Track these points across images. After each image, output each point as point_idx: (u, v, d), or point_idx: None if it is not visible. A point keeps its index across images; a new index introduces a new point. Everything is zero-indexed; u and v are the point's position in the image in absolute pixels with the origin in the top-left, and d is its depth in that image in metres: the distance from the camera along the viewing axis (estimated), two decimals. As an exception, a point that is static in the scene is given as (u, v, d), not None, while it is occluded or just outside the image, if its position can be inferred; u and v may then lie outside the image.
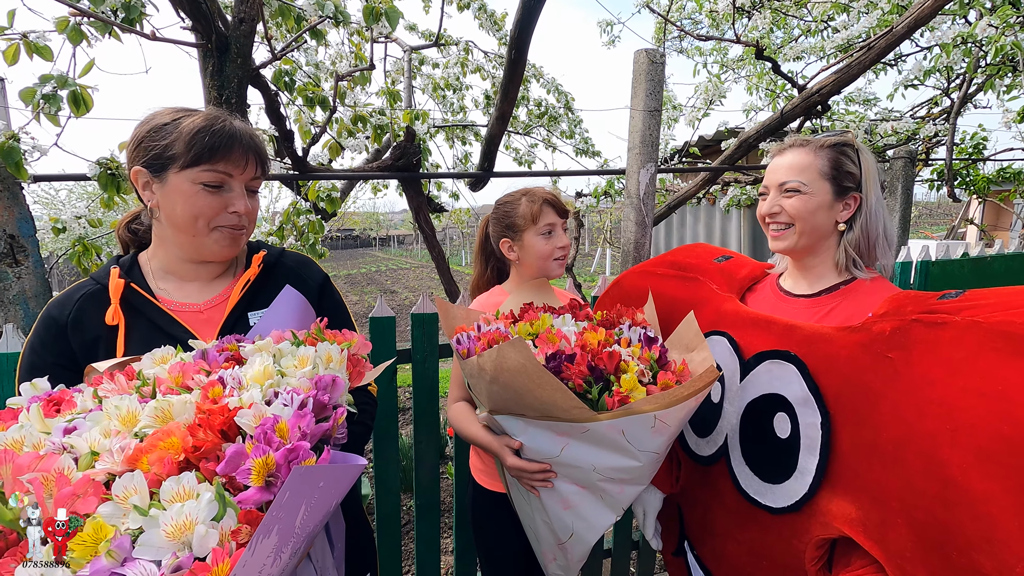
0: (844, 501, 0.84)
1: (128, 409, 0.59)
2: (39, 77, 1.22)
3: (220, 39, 1.32)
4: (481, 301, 1.39)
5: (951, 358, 0.74)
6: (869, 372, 0.83)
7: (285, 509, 0.51)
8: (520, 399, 1.00)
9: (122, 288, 0.89)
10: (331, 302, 1.07)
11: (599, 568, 2.17)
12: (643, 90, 1.83)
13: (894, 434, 0.78)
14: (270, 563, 0.51)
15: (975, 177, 3.35)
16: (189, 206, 0.86)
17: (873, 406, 0.82)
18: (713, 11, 3.11)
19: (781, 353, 0.96)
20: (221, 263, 0.98)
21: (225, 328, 0.92)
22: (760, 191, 1.13)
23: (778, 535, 0.95)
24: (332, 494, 0.60)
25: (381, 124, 2.42)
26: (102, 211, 2.46)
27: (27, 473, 0.52)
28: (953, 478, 0.69)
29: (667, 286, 1.30)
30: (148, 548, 0.48)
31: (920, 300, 0.83)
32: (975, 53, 2.41)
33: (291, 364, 0.69)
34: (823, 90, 2.00)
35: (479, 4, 4.18)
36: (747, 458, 1.02)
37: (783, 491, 0.93)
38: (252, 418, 0.59)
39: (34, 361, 0.87)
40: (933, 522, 0.71)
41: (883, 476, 0.78)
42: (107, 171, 1.41)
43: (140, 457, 0.54)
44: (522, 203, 1.30)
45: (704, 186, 2.51)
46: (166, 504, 0.50)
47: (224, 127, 0.87)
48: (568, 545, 1.19)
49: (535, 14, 1.47)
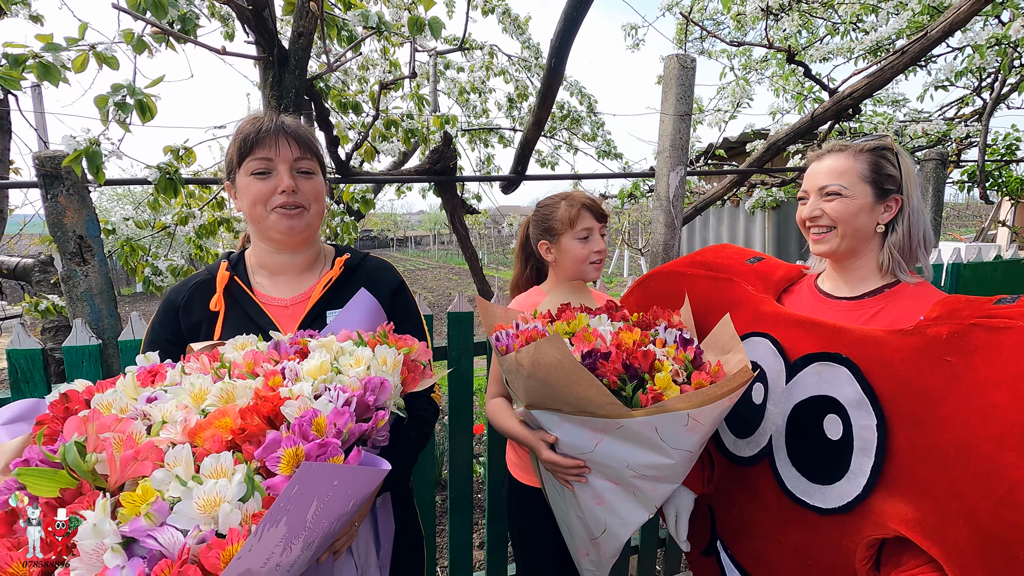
0: (900, 502, 0.85)
1: (200, 387, 0.65)
2: (111, 86, 1.31)
3: (281, 52, 1.40)
4: (519, 301, 1.43)
5: (1017, 361, 0.75)
6: (926, 375, 0.84)
7: (293, 502, 0.52)
8: (556, 394, 1.04)
9: (227, 280, 1.00)
10: (404, 307, 1.12)
11: (626, 565, 2.20)
12: (673, 94, 1.86)
13: (955, 437, 0.79)
14: (279, 552, 0.52)
15: (1008, 178, 3.28)
16: (248, 196, 0.96)
17: (931, 409, 0.83)
18: (740, 14, 3.11)
19: (831, 355, 0.97)
20: (304, 256, 1.06)
21: (304, 323, 0.99)
22: (799, 196, 1.14)
23: (826, 535, 0.96)
24: (350, 495, 0.61)
25: (412, 128, 2.49)
26: (148, 213, 2.59)
27: (105, 433, 0.58)
28: (1019, 481, 0.71)
29: (699, 287, 1.31)
30: (181, 517, 0.51)
31: (976, 304, 0.85)
32: (1009, 54, 2.37)
33: (348, 363, 0.74)
34: (855, 94, 2.00)
35: (503, 8, 4.24)
36: (793, 459, 1.03)
37: (834, 492, 0.94)
38: (295, 409, 0.63)
39: (153, 337, 1.00)
40: (997, 522, 0.73)
41: (943, 478, 0.80)
42: (167, 176, 1.50)
43: (198, 432, 0.59)
44: (561, 207, 1.34)
45: (732, 188, 2.52)
46: (204, 479, 0.54)
47: (258, 122, 0.97)
48: (601, 540, 1.22)
49: (577, 24, 1.52)
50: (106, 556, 0.48)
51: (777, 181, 2.81)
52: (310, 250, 1.07)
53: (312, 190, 1.00)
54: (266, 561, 0.52)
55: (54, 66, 1.37)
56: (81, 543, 0.48)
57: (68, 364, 1.36)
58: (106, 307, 1.45)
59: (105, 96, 1.32)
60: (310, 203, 1.00)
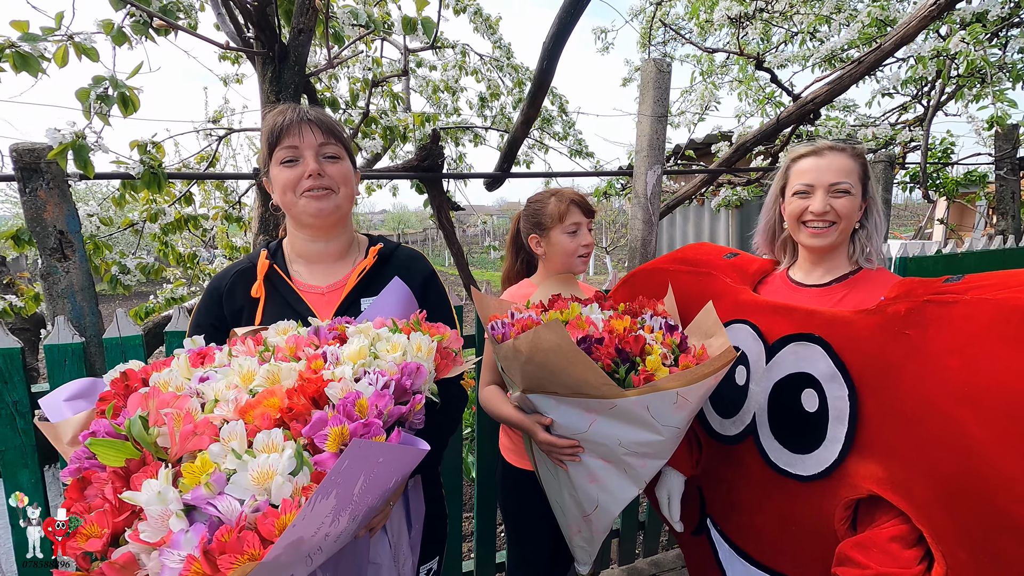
0: (872, 463, 0.95)
1: (248, 369, 0.69)
2: (92, 78, 1.28)
3: (281, 48, 1.40)
4: (511, 292, 1.49)
5: (966, 331, 0.85)
6: (889, 348, 0.94)
7: (343, 476, 0.56)
8: (553, 377, 1.10)
9: (266, 268, 1.04)
10: (436, 296, 1.16)
11: (608, 548, 2.28)
12: (651, 97, 1.95)
13: (916, 400, 0.89)
14: (328, 523, 0.57)
15: (944, 180, 3.57)
16: (279, 184, 1.00)
17: (895, 377, 0.93)
18: (707, 21, 3.26)
19: (806, 336, 1.06)
20: (338, 244, 1.09)
21: (340, 310, 1.03)
22: (799, 190, 1.16)
23: (807, 501, 1.05)
24: (392, 472, 0.66)
25: (391, 125, 2.50)
26: (113, 209, 2.50)
27: (165, 408, 0.61)
28: (973, 433, 0.80)
29: (680, 281, 1.40)
30: (237, 487, 0.55)
31: (928, 283, 0.95)
32: (947, 65, 2.60)
33: (384, 348, 0.77)
34: (817, 99, 2.16)
35: (475, 8, 4.27)
36: (776, 432, 1.12)
37: (813, 459, 1.03)
38: (339, 391, 0.67)
39: (199, 321, 1.04)
40: (956, 472, 0.82)
41: (908, 438, 0.89)
42: (150, 170, 1.47)
43: (248, 410, 0.63)
44: (551, 203, 1.40)
45: (701, 187, 2.66)
46: (257, 453, 0.57)
47: (282, 113, 1.01)
48: (593, 517, 1.28)
49: (570, 28, 1.58)
50: (171, 521, 0.51)
51: (743, 181, 2.98)
52: (343, 237, 1.10)
53: (339, 173, 1.03)
54: (317, 530, 0.55)
55: (32, 56, 1.33)
56: (148, 508, 0.51)
57: (50, 363, 1.32)
58: (87, 304, 1.41)
59: (87, 88, 1.29)
60: (338, 186, 1.03)
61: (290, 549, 0.53)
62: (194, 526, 0.52)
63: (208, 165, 3.22)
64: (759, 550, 1.18)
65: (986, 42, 2.33)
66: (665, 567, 2.32)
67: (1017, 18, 2.81)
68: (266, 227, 1.59)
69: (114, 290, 2.47)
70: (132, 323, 1.34)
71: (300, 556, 0.55)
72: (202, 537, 0.50)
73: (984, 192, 4.14)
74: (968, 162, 3.53)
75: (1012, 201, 3.14)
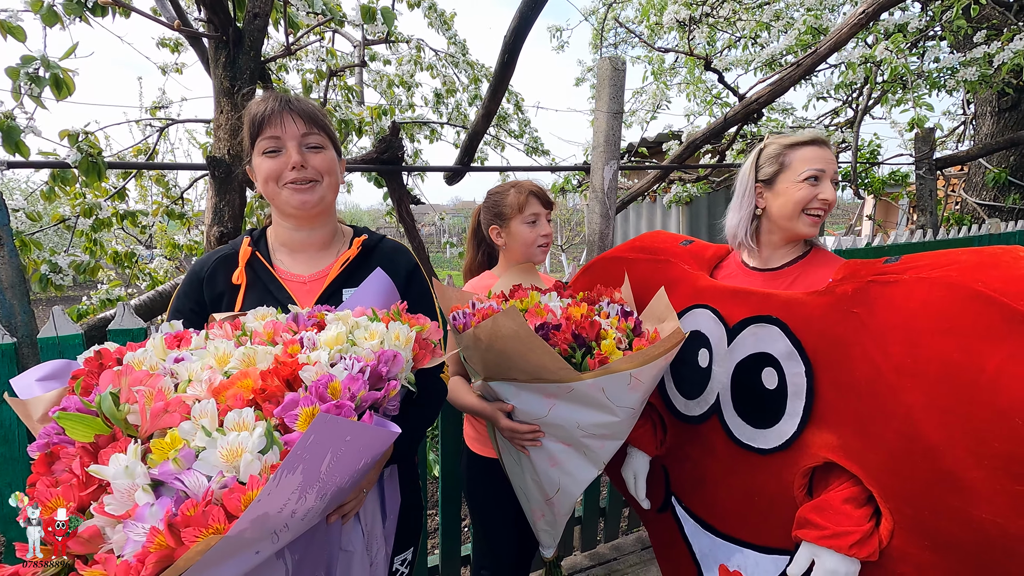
0: (827, 433, 1.02)
1: (224, 351, 0.69)
2: (21, 58, 1.19)
3: (236, 32, 1.34)
4: (473, 284, 1.50)
5: (906, 307, 0.92)
6: (840, 326, 1.01)
7: (309, 451, 0.56)
8: (513, 363, 1.13)
9: (248, 255, 1.03)
10: (418, 288, 1.16)
11: (570, 535, 2.34)
12: (607, 94, 2.01)
13: (865, 373, 0.96)
14: (294, 499, 0.57)
15: (872, 179, 3.86)
16: (262, 174, 1.00)
17: (846, 353, 0.99)
18: (657, 23, 3.39)
19: (764, 317, 1.12)
20: (321, 233, 1.09)
21: (322, 299, 1.03)
22: (810, 175, 1.15)
23: (768, 472, 1.12)
24: (361, 451, 0.66)
25: (345, 119, 2.45)
26: (43, 204, 2.33)
27: (137, 386, 0.61)
28: (915, 401, 0.87)
29: (640, 269, 1.45)
30: (205, 464, 0.55)
31: (870, 265, 1.03)
32: (874, 71, 2.82)
33: (362, 336, 0.78)
34: (760, 99, 2.29)
35: (429, 3, 4.24)
36: (739, 410, 1.17)
37: (774, 433, 1.10)
38: (313, 374, 0.67)
39: (178, 306, 1.03)
40: (902, 437, 0.90)
41: (859, 408, 0.97)
42: (88, 157, 1.38)
43: (222, 391, 0.63)
44: (510, 194, 1.43)
45: (654, 183, 2.76)
46: (228, 431, 0.58)
47: (265, 102, 1.00)
48: (555, 500, 1.32)
49: (531, 22, 1.61)
50: (137, 494, 0.51)
51: (692, 177, 3.11)
52: (327, 227, 1.09)
53: (323, 163, 1.02)
54: (283, 507, 0.55)
55: (-52, 33, 1.23)
56: (115, 482, 0.51)
57: (-24, 364, 1.23)
58: (19, 302, 1.32)
59: (16, 68, 1.20)
60: (322, 176, 1.02)
61: (255, 525, 0.53)
62: (160, 500, 0.52)
63: (148, 158, 3.04)
64: (724, 522, 1.24)
65: (907, 51, 2.54)
66: (625, 551, 2.40)
67: (932, 31, 3.09)
68: (220, 218, 1.53)
69: (44, 290, 2.30)
70: (70, 321, 1.27)
71: (265, 532, 0.56)
72: (167, 510, 0.50)
73: (906, 191, 4.49)
74: (892, 163, 3.82)
75: (930, 198, 3.43)
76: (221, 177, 1.44)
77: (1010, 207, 3.84)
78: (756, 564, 1.18)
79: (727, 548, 1.23)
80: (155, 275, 3.34)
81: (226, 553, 0.52)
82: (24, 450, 1.28)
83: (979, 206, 4.00)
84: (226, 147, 1.44)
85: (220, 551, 0.51)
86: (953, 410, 0.84)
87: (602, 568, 2.30)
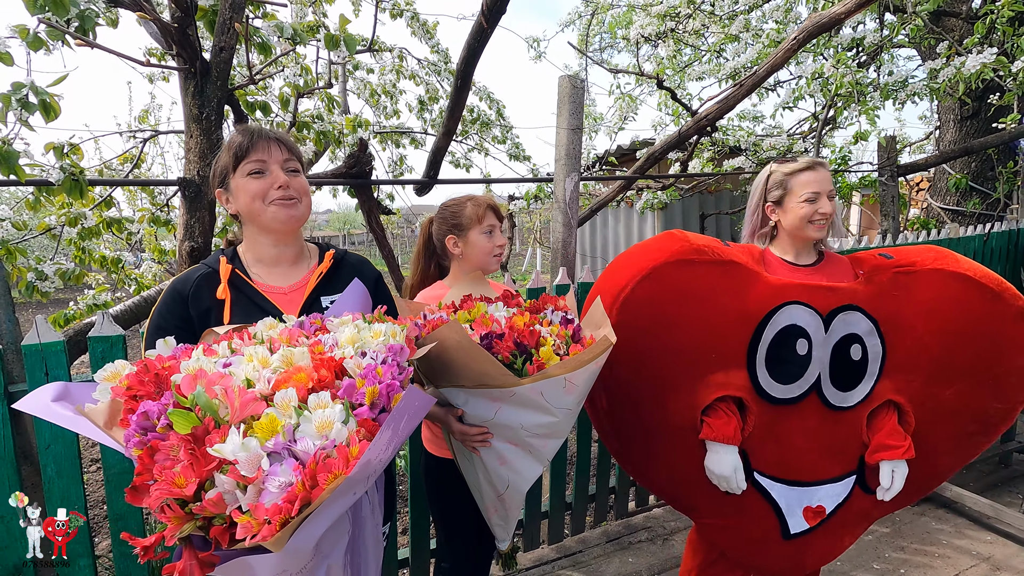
0: (889, 381, 1.45)
1: (262, 355, 0.83)
2: (12, 85, 1.29)
3: (203, 64, 1.45)
4: (425, 295, 1.60)
5: (929, 289, 1.42)
6: (891, 304, 1.43)
7: (398, 413, 0.76)
8: (459, 371, 1.23)
9: (229, 272, 1.12)
10: (384, 295, 1.30)
11: (538, 530, 2.45)
12: (567, 110, 2.12)
13: (911, 335, 1.43)
14: (383, 449, 0.75)
15: (841, 185, 4.00)
16: (247, 193, 1.10)
17: (898, 323, 1.43)
18: (626, 37, 3.49)
19: (847, 306, 1.44)
20: (293, 248, 1.20)
21: (304, 308, 1.15)
22: (809, 197, 1.46)
23: (848, 422, 1.46)
24: (418, 414, 0.87)
25: (324, 130, 2.55)
26: (28, 214, 2.41)
27: (215, 385, 0.74)
28: (937, 344, 1.41)
29: (705, 271, 1.44)
30: (305, 435, 0.71)
31: (873, 259, 1.49)
32: (829, 85, 2.95)
33: (367, 336, 0.94)
34: (709, 116, 2.41)
35: (411, 13, 4.34)
36: (834, 382, 1.45)
37: (857, 392, 1.45)
38: (355, 365, 0.85)
39: (160, 324, 1.10)
40: (929, 370, 1.43)
41: (909, 360, 1.44)
42: (71, 177, 1.47)
43: (281, 386, 0.78)
44: (468, 206, 1.53)
45: (620, 192, 2.87)
46: (314, 410, 0.73)
47: (248, 132, 1.12)
48: (506, 496, 1.42)
49: (478, 54, 1.80)
50: (263, 462, 0.67)
51: (660, 186, 3.23)
52: (299, 242, 1.22)
53: (301, 186, 1.15)
54: (379, 454, 0.74)
55: (-65, 63, 1.32)
56: (239, 455, 0.66)
57: (-39, 372, 1.32)
58: (4, 311, 1.41)
59: (7, 94, 1.30)
60: (301, 196, 1.15)
61: (362, 469, 0.71)
62: (287, 460, 0.68)
63: (133, 166, 3.13)
64: (809, 473, 1.49)
65: (854, 67, 2.67)
66: (591, 543, 2.52)
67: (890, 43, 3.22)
68: (191, 234, 1.63)
69: (30, 297, 2.39)
70: (52, 329, 1.36)
71: (365, 476, 0.75)
72: (295, 466, 0.67)
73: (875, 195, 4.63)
74: (856, 170, 3.96)
75: (892, 204, 3.57)
76: (191, 196, 1.54)
77: (971, 211, 3.99)
78: (831, 493, 1.49)
79: (810, 492, 1.50)
80: (141, 280, 3.42)
81: (344, 491, 0.71)
82: (8, 450, 1.38)
83: (942, 210, 4.14)
84: (195, 168, 1.54)
85: (342, 490, 0.69)
86: (956, 345, 1.43)
87: (568, 560, 2.41)
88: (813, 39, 2.06)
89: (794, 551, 1.54)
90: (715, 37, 3.54)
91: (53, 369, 1.37)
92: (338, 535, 0.87)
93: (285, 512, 0.65)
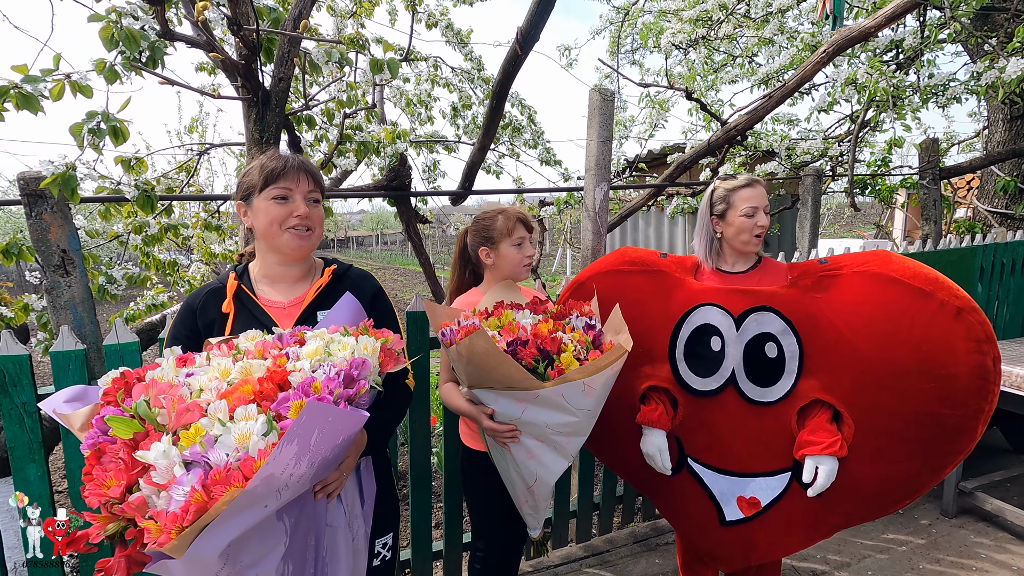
0: (813, 380, 1.50)
1: (224, 366, 0.90)
2: (86, 113, 1.46)
3: (264, 93, 1.60)
4: (461, 300, 1.70)
5: (851, 290, 1.46)
6: (812, 307, 1.50)
7: (302, 427, 0.75)
8: (488, 375, 1.32)
9: (235, 287, 1.22)
10: (383, 308, 1.35)
11: (566, 528, 2.52)
12: (596, 123, 2.19)
13: (832, 335, 1.47)
14: (291, 464, 0.77)
15: (881, 187, 3.90)
16: (267, 216, 1.18)
17: (818, 324, 1.49)
18: (657, 44, 3.51)
19: (760, 307, 1.54)
20: (300, 268, 1.28)
21: (299, 321, 1.22)
22: (747, 212, 1.59)
23: (773, 417, 1.54)
24: (340, 430, 0.86)
25: (364, 141, 2.70)
26: (100, 223, 2.65)
27: (162, 394, 0.82)
28: (863, 345, 1.42)
29: (636, 280, 1.71)
30: (223, 446, 0.75)
31: (810, 265, 1.54)
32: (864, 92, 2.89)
33: (337, 348, 0.98)
34: (739, 126, 2.42)
35: (446, 23, 4.47)
36: (750, 377, 1.55)
37: (777, 389, 1.53)
38: (299, 377, 0.88)
39: (175, 333, 1.22)
40: (855, 368, 1.44)
41: (830, 358, 1.48)
42: (144, 194, 1.65)
43: (227, 395, 0.83)
44: (499, 220, 1.63)
45: (649, 199, 2.91)
46: (237, 422, 0.78)
47: (282, 158, 1.21)
48: (535, 488, 1.52)
49: (512, 77, 1.93)
50: (175, 469, 0.72)
51: (690, 192, 3.24)
52: (307, 263, 1.31)
53: (318, 216, 1.25)
54: (284, 470, 0.76)
55: (33, 96, 1.50)
56: (157, 462, 0.72)
57: (55, 368, 1.49)
58: (87, 315, 1.60)
59: (80, 124, 1.46)
60: (315, 227, 1.24)
61: (265, 482, 0.73)
62: (193, 470, 0.73)
63: (190, 177, 3.37)
64: (738, 463, 1.60)
65: (889, 73, 2.62)
66: (618, 544, 2.57)
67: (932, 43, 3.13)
68: (248, 242, 1.78)
69: (101, 299, 2.62)
70: (128, 331, 1.53)
71: (272, 490, 0.76)
72: (200, 476, 0.72)
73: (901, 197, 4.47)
74: (896, 174, 3.85)
75: (934, 207, 3.46)
76: (252, 209, 1.69)
77: (1020, 215, 3.82)
78: (765, 486, 1.58)
79: (742, 483, 1.60)
80: (193, 281, 3.68)
81: (244, 504, 0.72)
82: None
83: (990, 213, 3.97)
84: (255, 185, 1.69)
85: (240, 502, 0.71)
86: (886, 347, 1.43)
87: (595, 559, 2.47)
88: (842, 52, 2.05)
89: (735, 538, 1.65)
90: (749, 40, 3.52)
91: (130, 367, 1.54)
92: (266, 546, 0.85)
93: (179, 520, 0.68)
